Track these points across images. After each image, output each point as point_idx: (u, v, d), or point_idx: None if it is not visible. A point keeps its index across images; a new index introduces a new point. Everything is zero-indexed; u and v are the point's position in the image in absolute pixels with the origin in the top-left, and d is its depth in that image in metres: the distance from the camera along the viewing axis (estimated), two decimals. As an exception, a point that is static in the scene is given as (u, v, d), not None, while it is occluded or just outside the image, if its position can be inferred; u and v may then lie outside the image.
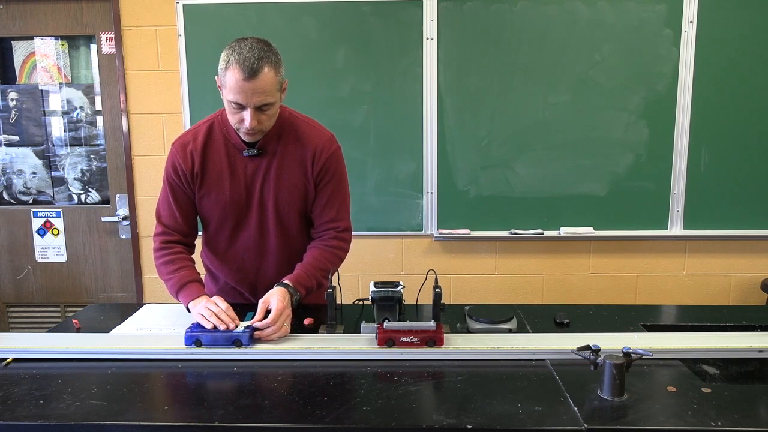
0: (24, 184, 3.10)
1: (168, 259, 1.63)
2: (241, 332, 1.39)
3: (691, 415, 1.07)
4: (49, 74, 3.02)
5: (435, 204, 2.88)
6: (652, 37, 2.73)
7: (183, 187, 1.66)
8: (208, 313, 1.43)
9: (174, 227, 1.67)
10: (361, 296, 1.71)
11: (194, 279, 1.60)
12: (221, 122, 1.64)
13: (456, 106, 2.81)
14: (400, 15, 2.75)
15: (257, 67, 1.42)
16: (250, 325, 1.42)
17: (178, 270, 1.60)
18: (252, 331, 1.40)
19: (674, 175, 2.82)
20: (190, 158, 1.63)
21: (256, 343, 1.41)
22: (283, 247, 1.71)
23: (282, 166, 1.64)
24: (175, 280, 1.59)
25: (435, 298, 1.43)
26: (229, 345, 1.38)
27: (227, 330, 1.40)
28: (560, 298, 2.96)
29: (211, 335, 1.39)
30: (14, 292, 3.15)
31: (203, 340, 1.38)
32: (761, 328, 1.56)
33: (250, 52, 1.43)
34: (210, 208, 1.68)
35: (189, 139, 1.65)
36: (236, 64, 1.42)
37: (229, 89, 1.45)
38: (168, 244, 1.65)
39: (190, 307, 1.53)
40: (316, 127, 1.69)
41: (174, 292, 1.60)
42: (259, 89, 1.44)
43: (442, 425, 1.05)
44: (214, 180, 1.64)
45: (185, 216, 1.68)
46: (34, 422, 1.08)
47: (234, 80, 1.43)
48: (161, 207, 1.69)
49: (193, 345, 1.38)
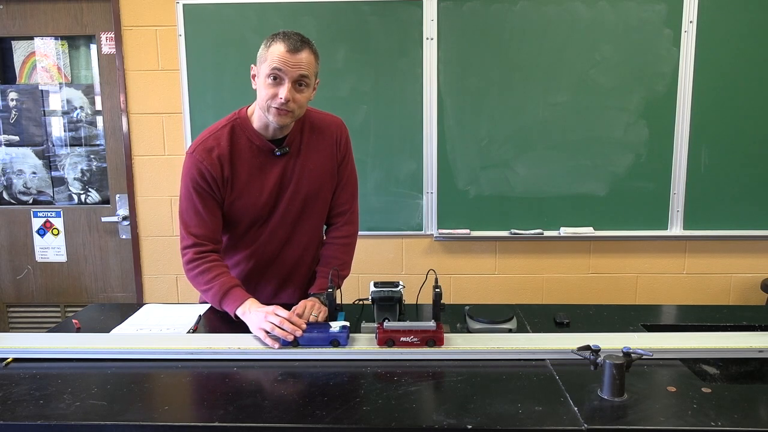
0: (24, 184, 3.10)
1: (204, 267, 1.58)
2: (338, 332, 1.37)
3: (691, 415, 1.07)
4: (49, 74, 3.02)
5: (435, 204, 2.88)
6: (652, 37, 2.73)
7: (213, 193, 1.61)
8: (269, 326, 1.37)
9: (205, 236, 1.61)
10: (361, 296, 1.71)
11: (236, 284, 1.57)
12: (241, 125, 1.62)
13: (456, 106, 2.81)
14: (400, 15, 2.75)
15: (301, 46, 1.49)
16: (345, 324, 1.40)
17: (216, 277, 1.57)
18: (348, 330, 1.39)
19: (674, 175, 2.82)
20: (218, 163, 1.59)
21: (354, 344, 1.39)
22: (306, 233, 1.74)
23: (309, 158, 1.67)
24: (217, 288, 1.55)
25: (435, 298, 1.43)
26: (327, 345, 1.36)
27: (325, 330, 1.37)
28: (560, 298, 2.96)
29: (308, 335, 1.37)
30: (14, 292, 3.15)
31: (300, 340, 1.37)
32: (761, 328, 1.56)
33: (296, 35, 1.51)
34: (241, 211, 1.65)
35: (212, 144, 1.59)
36: (281, 39, 1.49)
37: (271, 60, 1.48)
38: (202, 253, 1.59)
39: (240, 314, 1.50)
40: (325, 113, 1.74)
41: (216, 301, 1.57)
42: (300, 63, 1.49)
43: (442, 425, 1.05)
44: (244, 183, 1.62)
45: (216, 223, 1.64)
46: (34, 422, 1.08)
47: (277, 52, 1.48)
48: (188, 217, 1.62)
49: (289, 345, 1.37)
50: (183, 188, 1.62)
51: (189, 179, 1.60)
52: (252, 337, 1.43)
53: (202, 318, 1.64)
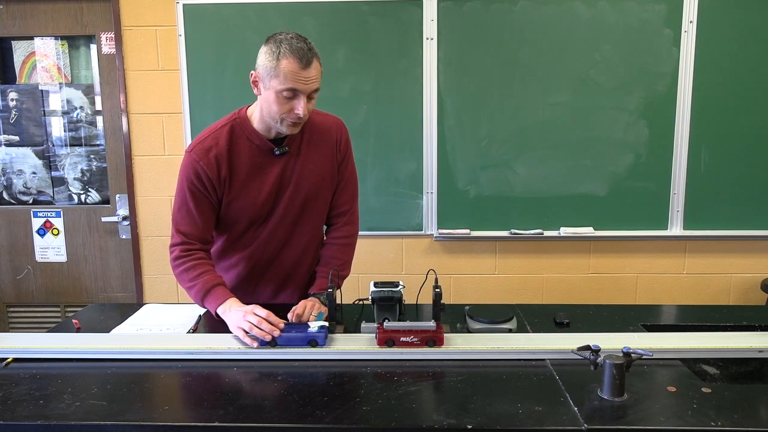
0: (24, 184, 3.10)
1: (189, 265, 1.58)
2: (316, 332, 1.37)
3: (691, 415, 1.07)
4: (49, 74, 3.02)
5: (435, 204, 2.88)
6: (652, 37, 2.73)
7: (207, 194, 1.60)
8: (247, 326, 1.38)
9: (194, 236, 1.61)
10: (361, 296, 1.71)
11: (219, 283, 1.57)
12: (241, 124, 1.62)
13: (456, 106, 2.81)
14: (400, 15, 2.75)
15: (311, 57, 1.47)
16: (324, 324, 1.40)
17: (200, 275, 1.57)
18: (327, 331, 1.39)
19: (674, 175, 2.82)
20: (215, 163, 1.58)
21: (331, 344, 1.39)
22: (306, 234, 1.74)
23: (309, 158, 1.67)
24: (199, 286, 1.56)
25: (435, 298, 1.43)
26: (305, 345, 1.36)
27: (303, 330, 1.38)
28: (560, 298, 2.96)
29: (286, 335, 1.37)
30: (14, 292, 3.15)
31: (278, 340, 1.37)
32: (761, 328, 1.56)
33: (300, 43, 1.47)
34: (240, 211, 1.65)
35: (210, 144, 1.59)
36: (291, 54, 1.44)
37: (284, 78, 1.45)
38: (189, 251, 1.60)
39: (220, 313, 1.51)
40: (325, 114, 1.73)
41: (199, 299, 1.57)
42: (313, 77, 1.48)
43: (442, 425, 1.05)
44: (242, 183, 1.62)
45: (207, 224, 1.64)
46: (34, 422, 1.08)
47: (291, 69, 1.45)
48: (179, 216, 1.62)
49: (267, 345, 1.37)
50: (178, 186, 1.63)
51: (185, 178, 1.60)
52: (232, 337, 1.43)
53: (202, 318, 1.64)
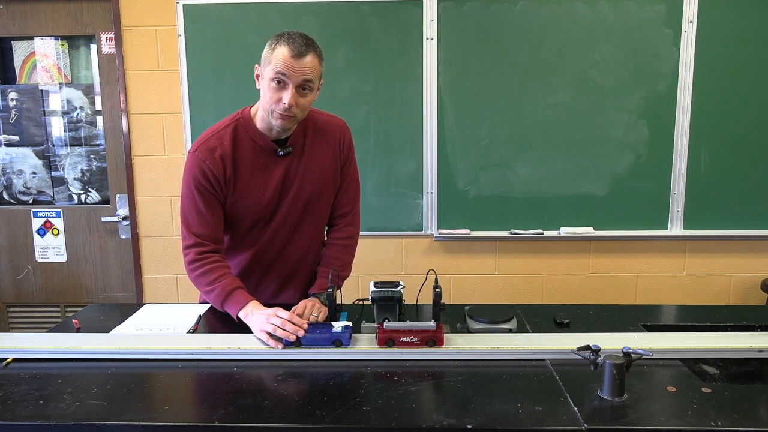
0: (24, 184, 3.10)
1: (207, 269, 1.58)
2: (341, 332, 1.37)
3: (691, 415, 1.07)
4: (49, 74, 3.02)
5: (435, 204, 2.88)
6: (652, 37, 2.73)
7: (215, 192, 1.60)
8: (271, 328, 1.38)
9: (207, 236, 1.60)
10: (361, 296, 1.71)
11: (238, 286, 1.57)
12: (245, 124, 1.62)
13: (456, 106, 2.81)
14: (400, 15, 2.75)
15: (305, 50, 1.48)
16: (348, 324, 1.40)
17: (219, 279, 1.56)
18: (351, 330, 1.39)
19: (674, 175, 2.82)
20: (221, 162, 1.58)
21: (354, 344, 1.39)
22: (308, 234, 1.74)
23: (313, 159, 1.67)
24: (219, 290, 1.55)
25: (435, 298, 1.43)
26: (329, 345, 1.36)
27: (327, 330, 1.38)
28: (560, 298, 2.96)
29: (311, 335, 1.37)
30: (14, 292, 3.15)
31: (303, 340, 1.37)
32: (761, 328, 1.56)
33: (300, 38, 1.49)
34: (243, 211, 1.65)
35: (215, 143, 1.59)
36: (286, 43, 1.47)
37: (276, 64, 1.47)
38: (204, 254, 1.59)
39: (242, 316, 1.51)
40: (328, 114, 1.74)
41: (219, 303, 1.57)
42: (305, 68, 1.48)
43: (442, 425, 1.05)
44: (246, 183, 1.62)
45: (218, 222, 1.63)
46: (34, 422, 1.08)
47: (282, 56, 1.46)
48: (190, 217, 1.61)
49: (292, 345, 1.37)
50: (185, 187, 1.62)
51: (191, 178, 1.59)
52: (252, 337, 1.43)
53: (202, 318, 1.64)
